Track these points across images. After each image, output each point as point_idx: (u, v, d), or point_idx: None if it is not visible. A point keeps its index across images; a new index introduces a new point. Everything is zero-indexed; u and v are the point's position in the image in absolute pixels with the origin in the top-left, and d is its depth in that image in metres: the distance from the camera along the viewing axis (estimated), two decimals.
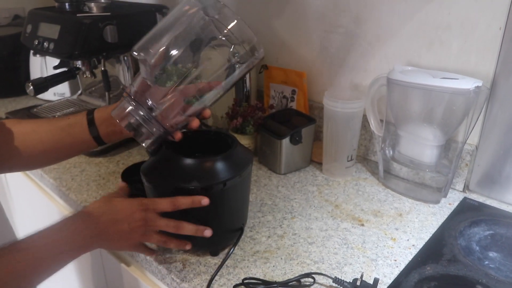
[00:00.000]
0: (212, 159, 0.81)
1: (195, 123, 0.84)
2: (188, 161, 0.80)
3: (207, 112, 0.86)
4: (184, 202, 0.78)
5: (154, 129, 0.80)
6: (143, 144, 0.81)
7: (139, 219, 0.78)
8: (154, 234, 0.81)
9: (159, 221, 0.80)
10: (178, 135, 0.83)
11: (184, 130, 0.86)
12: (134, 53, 0.77)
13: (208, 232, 0.81)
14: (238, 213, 0.90)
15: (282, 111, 1.26)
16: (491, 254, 0.88)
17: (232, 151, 0.84)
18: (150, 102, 0.79)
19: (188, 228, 0.81)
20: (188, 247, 0.83)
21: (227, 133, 0.94)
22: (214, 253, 0.88)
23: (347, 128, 1.10)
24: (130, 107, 0.78)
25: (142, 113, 0.78)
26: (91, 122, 0.87)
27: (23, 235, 0.71)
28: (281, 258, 0.87)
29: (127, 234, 0.79)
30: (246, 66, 0.81)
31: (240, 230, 0.91)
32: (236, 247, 0.89)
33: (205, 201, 0.78)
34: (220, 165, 0.81)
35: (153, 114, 0.79)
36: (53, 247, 0.72)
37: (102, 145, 0.89)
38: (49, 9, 1.34)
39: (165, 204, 0.79)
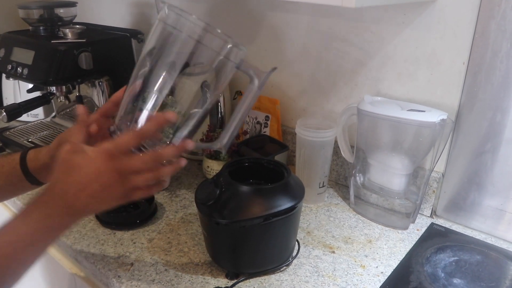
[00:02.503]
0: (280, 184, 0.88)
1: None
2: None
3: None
4: (149, 127, 0.69)
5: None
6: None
7: (109, 173, 0.67)
8: (134, 178, 0.69)
9: (133, 163, 0.68)
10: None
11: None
12: None
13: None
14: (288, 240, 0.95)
15: (255, 137, 1.28)
16: (455, 280, 0.91)
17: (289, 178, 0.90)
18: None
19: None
20: (183, 163, 0.72)
21: (275, 161, 0.99)
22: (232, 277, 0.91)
23: (319, 155, 1.12)
24: None
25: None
26: (22, 161, 0.82)
27: None
28: (254, 287, 0.89)
29: (102, 193, 0.68)
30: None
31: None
32: (211, 278, 0.91)
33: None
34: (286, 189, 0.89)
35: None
36: (22, 239, 0.65)
37: (36, 183, 0.83)
38: (23, 33, 1.32)
39: (130, 139, 0.68)
